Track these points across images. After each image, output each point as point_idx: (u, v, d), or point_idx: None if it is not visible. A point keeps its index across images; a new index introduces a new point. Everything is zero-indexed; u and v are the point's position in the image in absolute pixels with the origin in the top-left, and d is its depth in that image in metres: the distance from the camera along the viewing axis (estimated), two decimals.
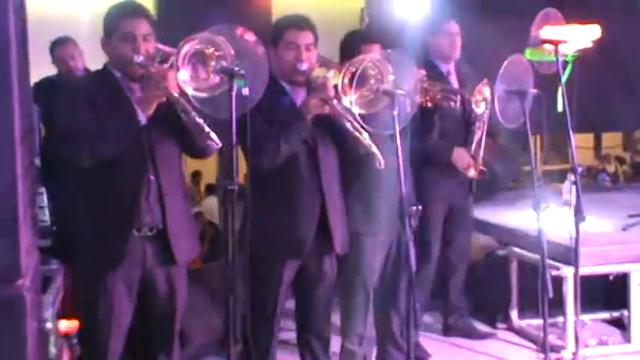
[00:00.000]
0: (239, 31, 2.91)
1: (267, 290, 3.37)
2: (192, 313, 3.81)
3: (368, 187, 3.66)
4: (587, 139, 9.15)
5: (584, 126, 7.23)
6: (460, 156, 4.38)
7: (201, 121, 2.79)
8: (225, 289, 2.75)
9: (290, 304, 3.55)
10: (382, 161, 3.21)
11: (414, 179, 3.97)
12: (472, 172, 4.35)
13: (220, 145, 2.80)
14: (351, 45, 3.71)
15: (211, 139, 2.77)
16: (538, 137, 7.75)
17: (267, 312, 3.39)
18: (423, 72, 3.99)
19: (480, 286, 4.93)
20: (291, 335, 3.73)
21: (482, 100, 4.02)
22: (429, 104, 4.00)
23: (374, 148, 3.21)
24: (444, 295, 4.73)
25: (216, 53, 2.78)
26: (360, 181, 3.63)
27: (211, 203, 6.72)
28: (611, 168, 8.51)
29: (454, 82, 4.52)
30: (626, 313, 4.46)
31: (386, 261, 3.84)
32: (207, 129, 2.78)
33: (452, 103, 4.03)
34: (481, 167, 4.36)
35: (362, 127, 3.23)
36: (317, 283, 3.46)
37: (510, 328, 4.79)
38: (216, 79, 2.79)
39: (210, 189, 7.53)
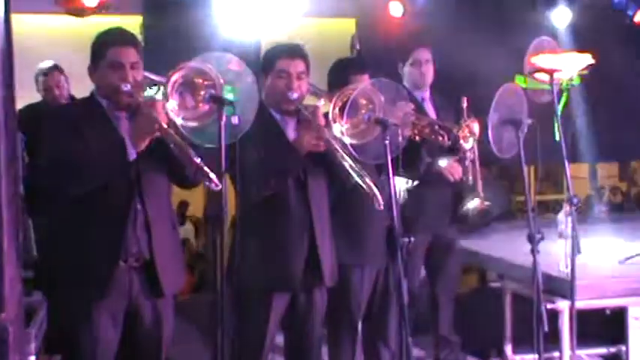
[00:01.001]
0: (228, 59, 2.95)
1: (255, 324, 3.38)
2: (179, 345, 3.81)
3: (354, 216, 3.70)
4: (583, 169, 9.23)
5: (580, 156, 7.33)
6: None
7: (198, 160, 2.80)
8: (214, 321, 2.76)
9: (279, 338, 3.55)
10: (381, 202, 3.22)
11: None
12: (477, 202, 4.36)
13: (220, 186, 2.79)
14: (340, 74, 3.76)
15: (210, 180, 2.77)
16: (532, 167, 7.85)
17: (254, 346, 3.40)
18: (411, 105, 4.05)
19: (473, 320, 4.94)
20: None
21: (470, 136, 4.07)
22: (417, 138, 4.05)
23: (374, 189, 3.23)
24: (434, 329, 4.74)
25: (205, 82, 2.82)
26: (346, 210, 3.66)
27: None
28: (611, 199, 8.58)
29: (430, 110, 4.56)
30: (623, 348, 4.46)
31: (373, 293, 3.86)
32: (206, 169, 2.79)
33: (440, 138, 4.09)
34: (485, 202, 4.39)
35: (354, 159, 3.27)
36: (307, 317, 3.47)
37: None
38: (205, 107, 2.83)
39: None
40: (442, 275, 4.69)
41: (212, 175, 2.76)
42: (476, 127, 4.01)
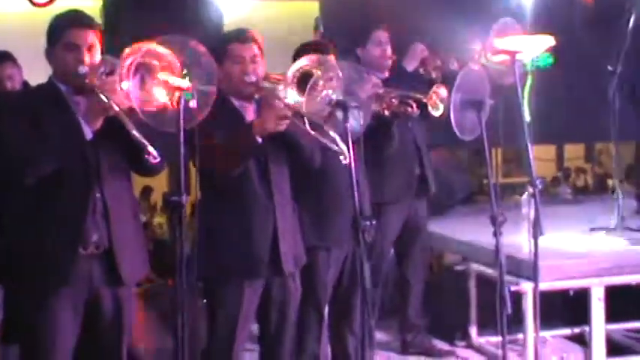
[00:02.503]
0: (188, 42, 2.93)
1: (225, 313, 3.39)
2: (142, 334, 3.81)
3: (321, 199, 3.73)
4: (549, 150, 9.32)
5: (546, 137, 7.39)
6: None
7: (139, 135, 2.79)
8: (174, 310, 2.76)
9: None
10: (347, 155, 3.19)
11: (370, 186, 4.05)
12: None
13: (158, 159, 2.81)
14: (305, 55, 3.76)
15: (149, 153, 2.78)
16: (499, 149, 7.91)
17: (226, 335, 3.40)
18: (374, 79, 4.08)
19: (439, 303, 4.99)
20: None
21: (440, 102, 4.07)
22: (386, 112, 4.08)
23: (341, 145, 3.20)
24: (402, 312, 4.78)
25: (163, 65, 2.80)
26: (314, 193, 3.69)
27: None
28: (576, 181, 8.69)
29: None
30: (587, 328, 4.54)
31: (340, 277, 3.88)
32: (144, 142, 2.78)
33: (409, 109, 4.11)
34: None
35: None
36: (282, 304, 3.48)
37: (469, 346, 4.85)
38: (163, 91, 2.81)
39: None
40: (411, 258, 4.72)
41: (151, 149, 2.76)
42: (443, 92, 4.03)
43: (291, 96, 3.23)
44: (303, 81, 3.23)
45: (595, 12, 6.73)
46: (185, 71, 2.82)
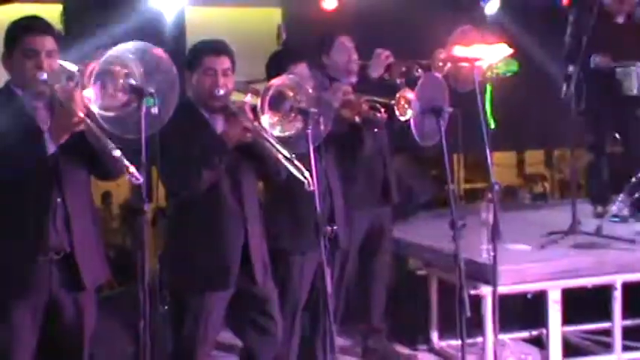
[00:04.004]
0: (149, 48, 2.96)
1: (192, 324, 3.42)
2: (103, 341, 3.81)
3: (295, 205, 3.77)
4: (511, 157, 9.46)
5: (507, 144, 7.52)
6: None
7: (118, 153, 2.75)
8: (136, 316, 2.79)
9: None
10: (312, 185, 3.28)
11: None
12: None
13: (141, 180, 2.77)
14: (278, 64, 3.82)
15: (130, 174, 2.74)
16: (461, 155, 8.01)
17: (192, 347, 3.43)
18: (345, 86, 4.14)
19: (401, 308, 5.05)
20: None
21: (408, 107, 4.13)
22: (357, 118, 4.14)
23: (305, 173, 3.29)
24: (365, 318, 4.83)
25: (124, 71, 2.83)
26: (288, 199, 3.74)
27: None
28: (536, 187, 8.81)
29: None
30: (544, 331, 4.63)
31: (314, 282, 3.93)
32: (126, 163, 2.76)
33: (378, 114, 4.18)
34: None
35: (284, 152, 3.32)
36: (260, 310, 3.55)
37: (431, 350, 4.92)
38: (124, 97, 2.83)
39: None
40: (375, 264, 4.76)
41: (132, 169, 2.75)
42: (410, 95, 4.10)
43: (263, 115, 3.29)
44: (275, 100, 3.29)
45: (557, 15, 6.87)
46: (146, 77, 2.85)
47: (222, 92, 3.38)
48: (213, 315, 3.42)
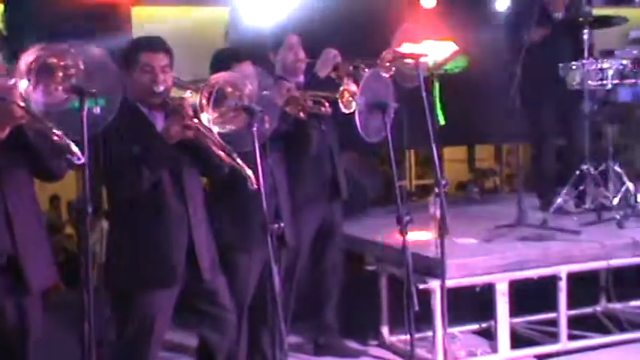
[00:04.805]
0: (91, 49, 2.94)
1: (138, 324, 3.41)
2: (51, 346, 3.78)
3: (241, 202, 3.78)
4: (461, 152, 9.56)
5: (456, 139, 7.61)
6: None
7: (59, 134, 2.73)
8: (81, 318, 2.77)
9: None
10: (255, 182, 3.28)
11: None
12: None
13: (83, 160, 2.76)
14: (222, 64, 3.82)
15: (72, 153, 2.72)
16: (412, 151, 8.09)
17: (139, 347, 3.42)
18: (289, 84, 4.16)
19: (351, 304, 5.08)
20: None
21: (352, 100, 4.16)
22: (302, 114, 4.16)
23: (247, 170, 3.28)
24: (317, 315, 4.85)
25: (65, 70, 2.80)
26: (234, 195, 3.74)
27: None
28: (487, 182, 8.93)
29: None
30: (493, 323, 4.71)
31: (261, 278, 3.94)
32: (67, 141, 2.73)
33: (322, 108, 4.20)
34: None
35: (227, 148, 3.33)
36: (216, 308, 3.55)
37: (381, 345, 4.95)
38: (63, 95, 2.81)
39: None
40: (326, 260, 4.79)
41: (75, 148, 2.73)
42: (354, 87, 4.12)
43: (203, 113, 3.28)
44: (216, 97, 3.29)
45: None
46: (88, 77, 2.83)
47: (161, 89, 3.37)
48: (159, 315, 3.41)
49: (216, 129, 3.33)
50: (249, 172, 3.25)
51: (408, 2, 6.37)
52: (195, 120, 3.30)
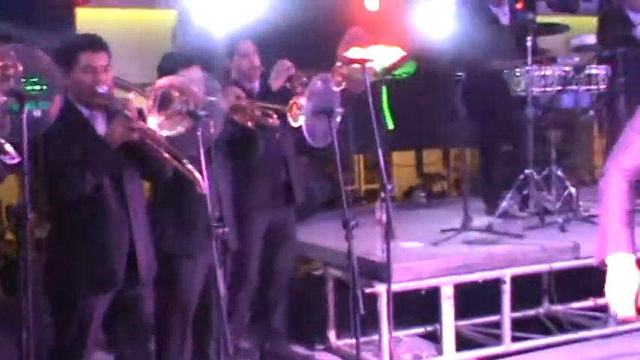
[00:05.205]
0: (30, 50, 2.91)
1: (76, 328, 3.37)
2: None
3: (185, 207, 3.77)
4: (410, 157, 9.63)
5: (405, 144, 7.66)
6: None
7: None
8: (19, 325, 2.74)
9: None
10: (204, 186, 3.28)
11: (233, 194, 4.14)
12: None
13: (17, 159, 2.73)
14: (170, 67, 3.81)
15: (5, 152, 2.70)
16: (362, 156, 8.12)
17: (77, 350, 3.39)
18: (238, 90, 4.17)
19: (299, 308, 5.10)
20: None
21: (300, 114, 4.18)
22: (250, 123, 4.17)
23: (196, 175, 3.28)
24: (265, 320, 4.85)
25: (3, 72, 2.77)
26: (177, 200, 3.73)
27: None
28: (435, 186, 9.00)
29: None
30: (438, 326, 4.76)
31: (206, 284, 3.93)
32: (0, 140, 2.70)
33: (270, 120, 4.22)
34: None
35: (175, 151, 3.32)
36: (134, 312, 3.52)
37: (328, 349, 4.98)
38: (1, 98, 2.77)
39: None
40: (277, 265, 4.79)
41: (9, 148, 2.70)
42: (303, 101, 4.14)
43: (150, 116, 3.27)
44: (162, 100, 3.28)
45: None
46: (27, 79, 2.80)
47: (104, 89, 3.34)
48: (95, 317, 3.38)
49: (163, 133, 3.32)
50: (198, 176, 3.24)
51: (354, 5, 6.39)
52: (141, 122, 3.29)
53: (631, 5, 6.77)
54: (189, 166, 3.28)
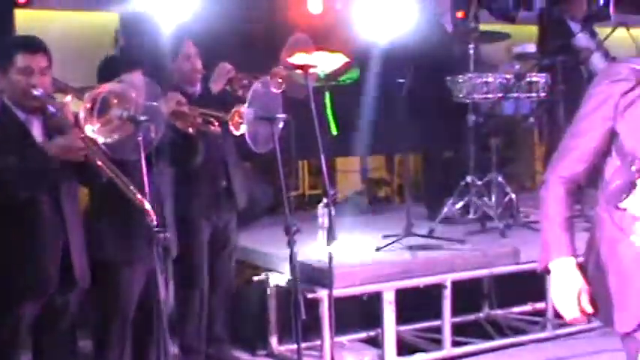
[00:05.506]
0: None
1: (6, 333, 3.34)
2: None
3: (123, 214, 3.73)
4: (353, 162, 9.69)
5: (349, 149, 7.71)
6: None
7: None
8: None
9: None
10: (141, 201, 3.25)
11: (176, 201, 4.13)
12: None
13: None
14: (111, 71, 3.77)
15: None
16: (306, 162, 8.14)
17: (7, 353, 3.35)
18: (179, 96, 4.16)
19: (241, 314, 5.10)
20: None
21: (241, 122, 4.19)
22: (191, 129, 4.16)
23: (131, 188, 3.26)
24: (208, 325, 4.83)
25: None
26: (115, 208, 3.69)
27: None
28: (379, 192, 9.06)
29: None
30: (380, 331, 4.80)
31: (147, 290, 3.91)
32: None
33: (211, 127, 4.21)
34: None
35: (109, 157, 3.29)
36: (62, 318, 3.49)
37: (270, 355, 4.99)
38: None
39: None
40: (220, 271, 4.78)
41: None
42: (245, 111, 4.15)
43: (87, 122, 3.24)
44: (100, 105, 3.26)
45: None
46: None
47: (40, 92, 3.29)
48: (25, 322, 3.36)
49: (100, 139, 3.29)
50: (133, 190, 3.22)
51: (296, 8, 6.42)
52: (78, 130, 3.26)
53: (571, 14, 6.94)
54: (125, 179, 3.26)
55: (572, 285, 2.48)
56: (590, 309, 2.49)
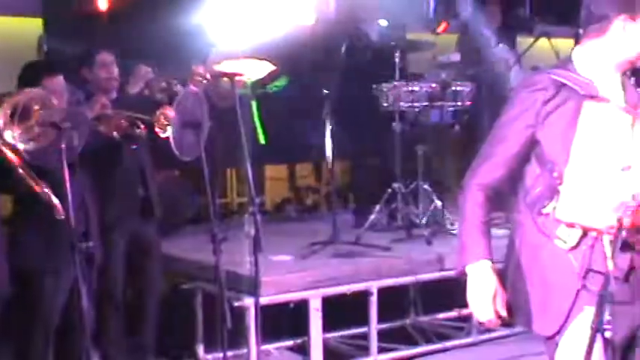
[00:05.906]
0: None
1: None
2: None
3: (48, 221, 3.69)
4: (284, 170, 9.72)
5: (277, 157, 7.74)
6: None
7: None
8: None
9: None
10: (61, 211, 3.23)
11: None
12: None
13: None
14: (32, 77, 3.74)
15: None
16: (234, 169, 8.13)
17: None
18: (104, 99, 4.13)
19: (167, 322, 5.06)
20: None
21: (167, 124, 4.17)
22: (116, 134, 4.13)
23: (53, 199, 3.22)
24: (133, 335, 4.79)
25: None
26: (41, 215, 3.65)
27: None
28: (307, 199, 9.10)
29: None
30: (307, 339, 4.83)
31: (69, 300, 3.87)
32: None
33: (137, 130, 4.20)
34: None
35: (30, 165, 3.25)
36: None
37: None
38: None
39: None
40: (142, 279, 4.76)
41: None
42: (170, 113, 4.14)
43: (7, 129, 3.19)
44: (21, 112, 3.21)
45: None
46: None
47: None
48: None
49: (21, 145, 3.25)
50: (56, 202, 3.19)
51: None
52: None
53: (487, 25, 7.09)
54: (46, 189, 3.23)
55: (487, 288, 2.53)
56: (504, 312, 2.55)
